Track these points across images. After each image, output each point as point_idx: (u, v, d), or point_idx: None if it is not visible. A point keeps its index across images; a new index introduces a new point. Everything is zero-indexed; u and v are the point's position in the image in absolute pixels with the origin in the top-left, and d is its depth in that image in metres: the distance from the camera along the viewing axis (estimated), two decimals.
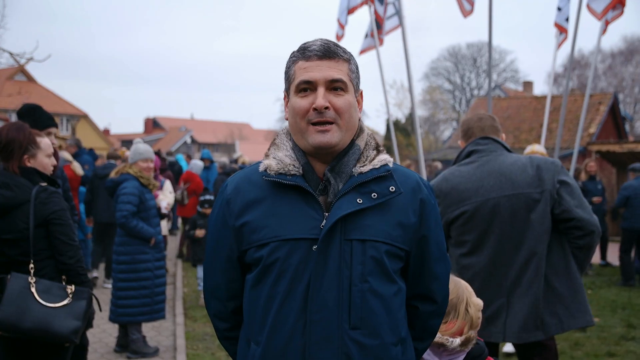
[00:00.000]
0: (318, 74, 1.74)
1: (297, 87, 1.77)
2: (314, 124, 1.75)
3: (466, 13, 8.12)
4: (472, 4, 8.14)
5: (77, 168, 7.95)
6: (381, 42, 8.87)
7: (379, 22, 8.49)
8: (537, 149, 5.98)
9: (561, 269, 3.15)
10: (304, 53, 1.78)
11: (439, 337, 2.28)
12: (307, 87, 1.76)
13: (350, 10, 8.59)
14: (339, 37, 8.74)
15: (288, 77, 1.82)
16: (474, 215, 3.15)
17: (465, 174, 3.23)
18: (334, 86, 1.76)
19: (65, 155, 7.88)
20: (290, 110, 1.80)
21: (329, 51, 1.77)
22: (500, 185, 3.14)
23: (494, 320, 3.14)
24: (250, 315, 1.82)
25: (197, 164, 11.87)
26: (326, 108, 1.73)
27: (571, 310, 3.13)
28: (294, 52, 1.82)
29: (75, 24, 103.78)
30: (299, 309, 1.72)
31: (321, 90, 1.74)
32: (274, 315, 1.75)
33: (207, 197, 7.89)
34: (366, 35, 9.01)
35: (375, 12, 8.41)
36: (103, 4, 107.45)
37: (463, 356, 2.31)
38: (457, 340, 2.30)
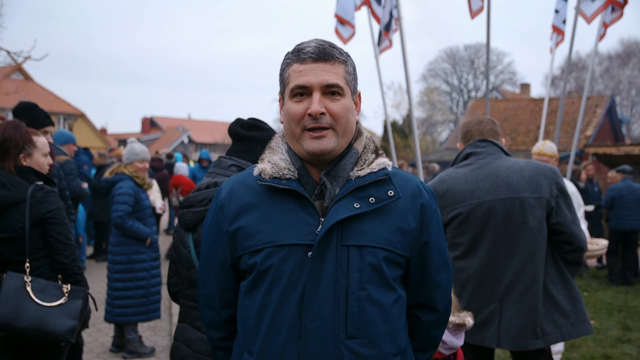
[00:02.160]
0: (313, 78, 1.67)
1: (292, 92, 1.70)
2: (310, 129, 1.68)
3: (474, 14, 7.98)
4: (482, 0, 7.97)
5: None
6: (390, 43, 8.81)
7: (377, 22, 8.45)
8: (546, 149, 5.16)
9: (557, 277, 3.12)
10: (298, 55, 1.71)
11: (457, 318, 2.67)
12: (302, 91, 1.69)
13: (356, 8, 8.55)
14: (344, 40, 8.66)
15: (282, 80, 1.76)
16: (468, 217, 3.13)
17: (461, 176, 3.20)
18: (330, 90, 1.68)
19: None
20: (285, 115, 1.74)
21: (324, 53, 1.69)
22: (496, 188, 3.11)
23: (486, 325, 3.11)
24: (244, 324, 1.76)
25: (182, 167, 12.04)
26: (322, 114, 1.67)
27: (570, 319, 3.10)
28: (288, 54, 1.75)
29: (73, 23, 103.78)
30: (293, 318, 1.66)
31: (317, 96, 1.67)
32: (268, 324, 1.68)
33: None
34: (380, 35, 8.92)
35: (373, 13, 8.37)
36: (101, 4, 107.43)
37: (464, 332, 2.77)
38: (471, 320, 2.71)
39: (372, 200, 1.70)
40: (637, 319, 7.34)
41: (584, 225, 4.79)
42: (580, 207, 4.90)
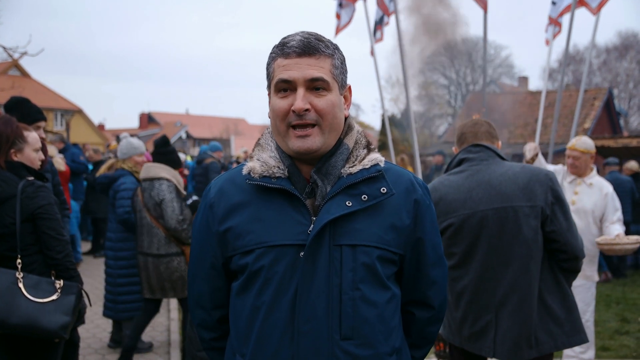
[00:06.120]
0: (297, 72, 1.61)
1: (276, 87, 1.65)
2: (294, 126, 1.63)
3: (485, 5, 7.84)
4: None
5: (58, 163, 7.82)
6: (382, 36, 8.79)
7: (384, 12, 8.42)
8: (579, 144, 4.78)
9: (553, 286, 3.04)
10: (282, 49, 1.64)
11: None
12: (286, 86, 1.63)
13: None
14: (338, 29, 8.66)
15: (268, 75, 1.70)
16: (461, 227, 3.04)
17: (454, 184, 3.10)
18: (315, 85, 1.62)
19: (50, 149, 7.75)
20: (271, 111, 1.68)
21: (309, 47, 1.62)
22: (488, 198, 3.01)
23: (483, 335, 3.06)
24: (235, 326, 1.72)
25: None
26: (306, 110, 1.61)
27: (565, 328, 3.03)
28: (273, 48, 1.68)
29: (71, 19, 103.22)
30: (286, 320, 1.62)
31: (301, 91, 1.61)
32: (260, 326, 1.64)
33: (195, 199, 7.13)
34: (374, 32, 8.89)
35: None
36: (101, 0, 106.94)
37: None
38: None
39: (364, 197, 1.65)
40: (635, 311, 7.35)
41: (619, 227, 4.65)
42: (617, 211, 4.77)
